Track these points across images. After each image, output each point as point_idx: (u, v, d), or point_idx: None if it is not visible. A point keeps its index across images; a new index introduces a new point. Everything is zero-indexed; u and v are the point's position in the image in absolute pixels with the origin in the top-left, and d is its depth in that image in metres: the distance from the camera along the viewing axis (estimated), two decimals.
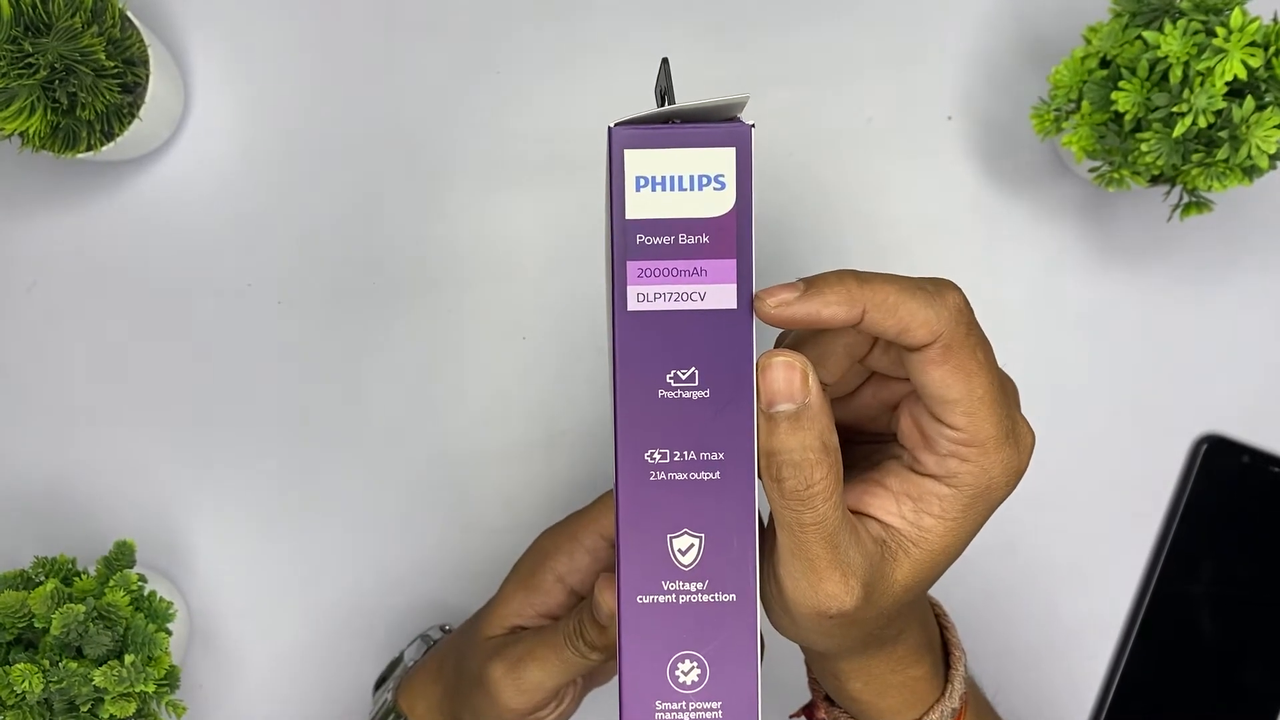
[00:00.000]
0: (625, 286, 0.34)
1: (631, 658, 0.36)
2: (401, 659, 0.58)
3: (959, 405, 0.35)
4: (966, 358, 0.35)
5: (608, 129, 0.34)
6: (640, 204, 0.34)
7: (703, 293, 0.35)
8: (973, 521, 0.37)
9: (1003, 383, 0.36)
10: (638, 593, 0.36)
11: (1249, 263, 0.63)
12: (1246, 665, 0.62)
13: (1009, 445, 0.36)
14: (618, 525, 0.36)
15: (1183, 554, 0.62)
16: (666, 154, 0.34)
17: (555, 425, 0.63)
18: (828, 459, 0.35)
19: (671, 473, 0.35)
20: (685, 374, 0.35)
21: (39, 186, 0.64)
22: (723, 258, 0.35)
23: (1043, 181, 0.63)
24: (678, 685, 0.36)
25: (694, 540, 0.35)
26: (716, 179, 0.34)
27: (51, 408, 0.64)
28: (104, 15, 0.55)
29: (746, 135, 0.34)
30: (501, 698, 0.47)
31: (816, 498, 0.35)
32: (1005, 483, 0.36)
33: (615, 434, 0.35)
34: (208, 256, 0.64)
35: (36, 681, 0.49)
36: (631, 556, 0.36)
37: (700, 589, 0.36)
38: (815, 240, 0.63)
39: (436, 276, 0.63)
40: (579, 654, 0.45)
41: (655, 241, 0.34)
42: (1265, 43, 0.51)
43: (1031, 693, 0.63)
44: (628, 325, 0.35)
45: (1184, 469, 0.63)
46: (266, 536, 0.64)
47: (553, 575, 0.49)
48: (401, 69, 0.63)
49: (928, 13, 0.63)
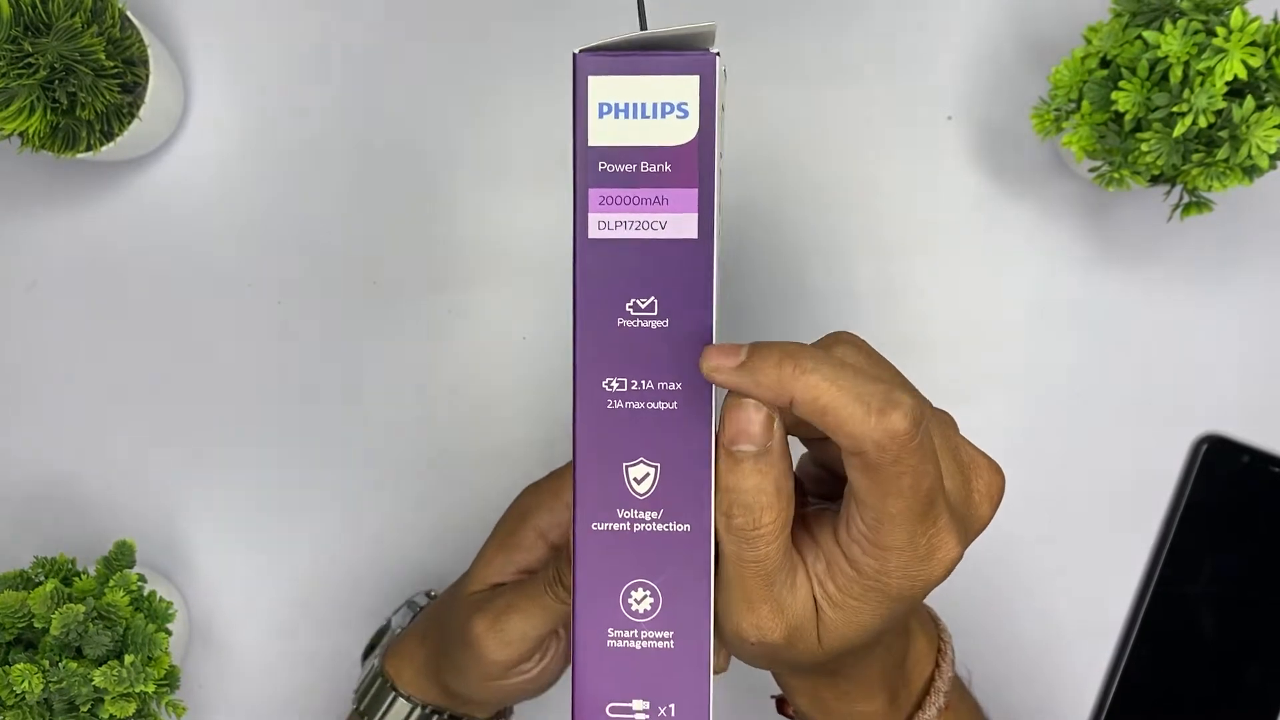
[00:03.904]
0: (586, 214, 0.35)
1: (585, 585, 0.36)
2: (389, 626, 0.58)
3: (869, 510, 0.34)
4: (889, 479, 0.33)
5: (572, 55, 0.34)
6: (603, 131, 0.34)
7: (664, 221, 0.35)
8: (873, 611, 0.36)
9: (930, 502, 0.34)
10: (592, 520, 0.36)
11: (1249, 263, 0.63)
12: (1246, 665, 0.62)
13: (914, 558, 0.35)
14: (575, 452, 0.36)
15: (1183, 554, 0.62)
16: (630, 80, 0.34)
17: (555, 425, 0.63)
18: (779, 503, 0.35)
19: (629, 401, 0.35)
20: (645, 303, 0.35)
21: (39, 186, 0.64)
22: (684, 186, 0.35)
23: (1043, 181, 0.63)
24: (630, 614, 0.36)
25: (649, 469, 0.36)
26: (680, 107, 0.34)
27: (51, 408, 0.64)
28: (104, 15, 0.55)
29: (711, 64, 0.34)
30: (486, 651, 0.47)
31: (760, 540, 0.35)
32: (908, 588, 0.35)
33: (574, 361, 0.35)
34: (208, 256, 0.64)
35: (36, 682, 0.49)
36: (587, 483, 0.36)
37: (655, 518, 0.36)
38: (815, 240, 0.63)
39: (436, 276, 0.63)
40: (558, 599, 0.46)
41: (617, 169, 0.34)
42: (1265, 42, 0.51)
43: (1031, 692, 0.63)
44: (588, 253, 0.35)
45: (1184, 469, 0.63)
46: (266, 536, 0.64)
47: (534, 532, 0.49)
48: (401, 69, 0.63)
49: (928, 13, 0.63)
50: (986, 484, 0.38)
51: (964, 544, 0.36)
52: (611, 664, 0.36)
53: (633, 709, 0.36)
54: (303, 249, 0.63)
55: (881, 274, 0.63)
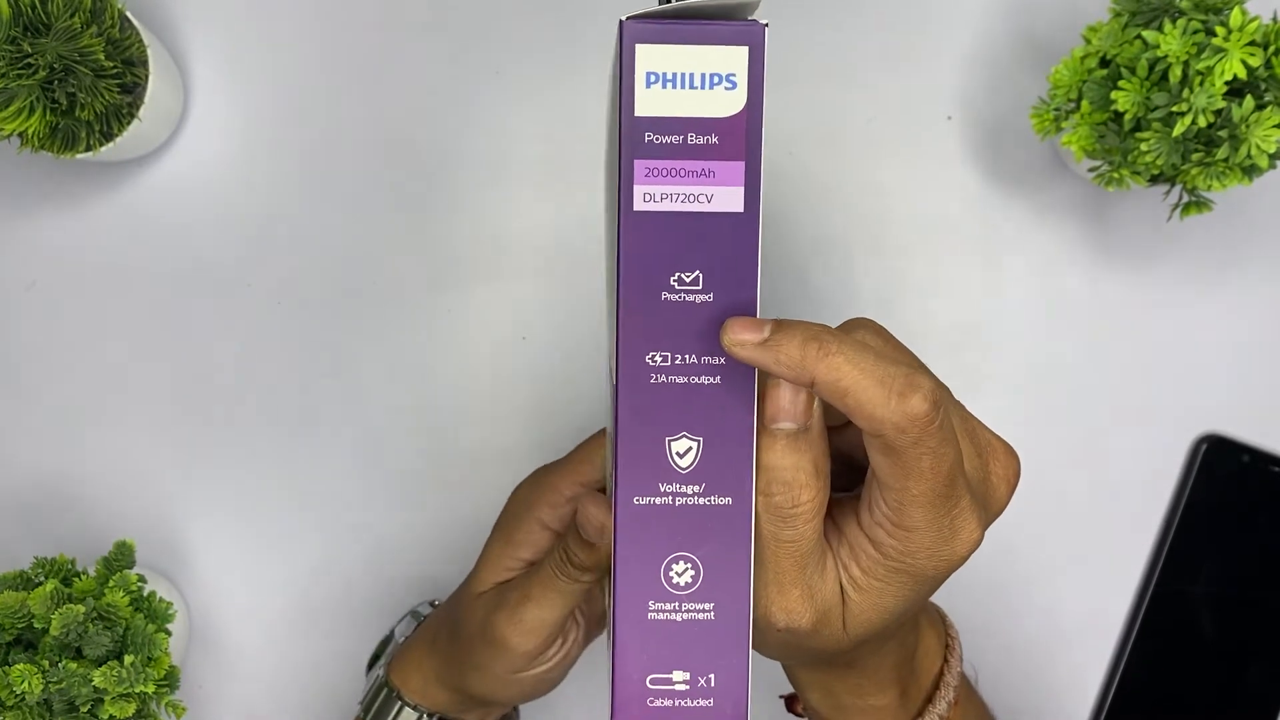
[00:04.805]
0: (632, 186, 0.34)
1: (626, 558, 0.36)
2: (392, 636, 0.58)
3: (891, 493, 0.35)
4: (910, 460, 0.34)
5: (619, 22, 0.33)
6: (650, 101, 0.33)
7: (710, 194, 0.34)
8: (896, 593, 0.36)
9: (951, 483, 0.35)
10: (635, 494, 0.36)
11: (1249, 263, 0.63)
12: (1246, 665, 0.62)
13: (938, 539, 0.35)
14: (616, 426, 0.35)
15: (1183, 554, 0.62)
16: (679, 50, 0.33)
17: (555, 425, 0.63)
18: (817, 482, 0.35)
19: (672, 375, 0.35)
20: (689, 277, 0.35)
21: (39, 186, 0.64)
22: (731, 159, 0.34)
23: (1043, 181, 0.63)
24: (671, 586, 0.36)
25: (692, 443, 0.35)
26: (728, 78, 0.34)
27: (51, 408, 0.64)
28: (103, 15, 0.55)
29: (760, 35, 0.34)
30: (509, 643, 0.47)
31: (799, 518, 0.35)
32: (932, 568, 0.36)
33: (616, 336, 0.35)
34: (207, 256, 0.64)
35: (36, 682, 0.49)
36: (630, 458, 0.35)
37: (697, 492, 0.36)
38: (815, 240, 0.63)
39: (436, 276, 0.63)
40: (571, 579, 0.46)
41: (664, 140, 0.34)
42: (1265, 42, 0.51)
43: (1031, 692, 0.63)
44: (633, 225, 0.34)
45: (1184, 469, 0.63)
46: (266, 536, 0.64)
47: (537, 525, 0.49)
48: (401, 69, 0.63)
49: (928, 13, 0.63)
50: (1003, 467, 0.38)
51: (984, 525, 0.37)
52: (652, 636, 0.36)
53: (673, 679, 0.36)
54: (302, 249, 0.63)
55: (881, 273, 0.63)
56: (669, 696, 0.36)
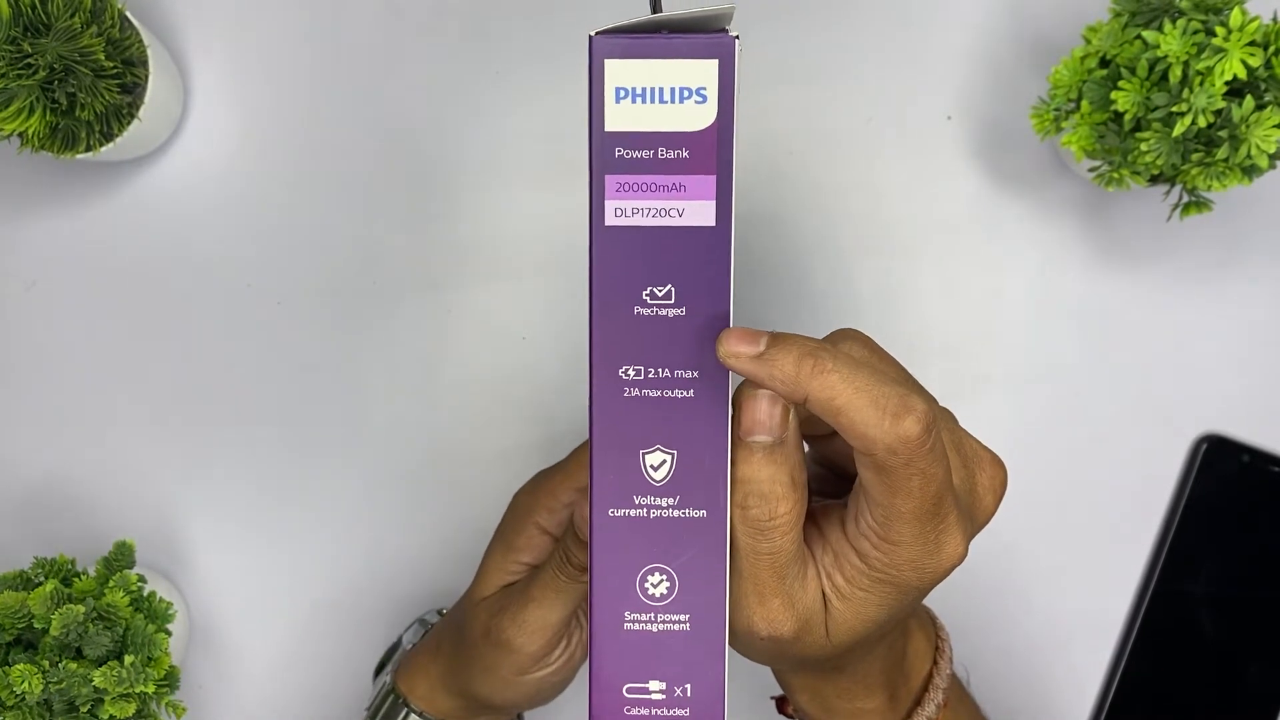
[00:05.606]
0: (603, 201, 0.34)
1: (602, 570, 0.36)
2: (400, 643, 0.59)
3: (879, 508, 0.35)
4: (900, 479, 0.34)
5: (588, 37, 0.33)
6: (619, 116, 0.34)
7: (681, 209, 0.34)
8: (880, 602, 0.36)
9: (939, 501, 0.35)
10: (609, 506, 0.36)
11: (1249, 263, 0.63)
12: (1246, 665, 0.62)
13: (923, 553, 0.35)
14: (591, 440, 0.36)
15: (1183, 554, 0.62)
16: (647, 64, 0.33)
17: (555, 425, 0.63)
18: (794, 494, 0.35)
19: (645, 389, 0.35)
20: (661, 291, 0.35)
21: (39, 186, 0.64)
22: (703, 173, 0.34)
23: (1043, 181, 0.63)
24: (647, 597, 0.36)
25: (666, 456, 0.36)
26: (698, 92, 0.34)
27: (51, 408, 0.64)
28: (103, 15, 0.55)
29: (730, 47, 0.33)
30: (514, 644, 0.47)
31: (777, 530, 0.35)
32: (916, 580, 0.36)
33: (590, 350, 0.35)
34: (207, 256, 0.64)
35: (36, 682, 0.49)
36: (604, 470, 0.36)
37: (671, 504, 0.36)
38: (815, 240, 0.63)
39: (436, 276, 0.63)
40: (571, 578, 0.46)
41: (634, 155, 0.34)
42: (1265, 42, 0.51)
43: (1031, 692, 0.63)
44: (604, 240, 0.35)
45: (1184, 469, 0.63)
46: (266, 536, 0.64)
47: (537, 529, 0.49)
48: (401, 69, 0.63)
49: (928, 13, 0.63)
50: (990, 477, 0.38)
51: (969, 537, 0.37)
52: (628, 646, 0.36)
53: (649, 689, 0.37)
54: (302, 248, 0.63)
55: (881, 274, 0.63)
56: (645, 706, 0.37)
